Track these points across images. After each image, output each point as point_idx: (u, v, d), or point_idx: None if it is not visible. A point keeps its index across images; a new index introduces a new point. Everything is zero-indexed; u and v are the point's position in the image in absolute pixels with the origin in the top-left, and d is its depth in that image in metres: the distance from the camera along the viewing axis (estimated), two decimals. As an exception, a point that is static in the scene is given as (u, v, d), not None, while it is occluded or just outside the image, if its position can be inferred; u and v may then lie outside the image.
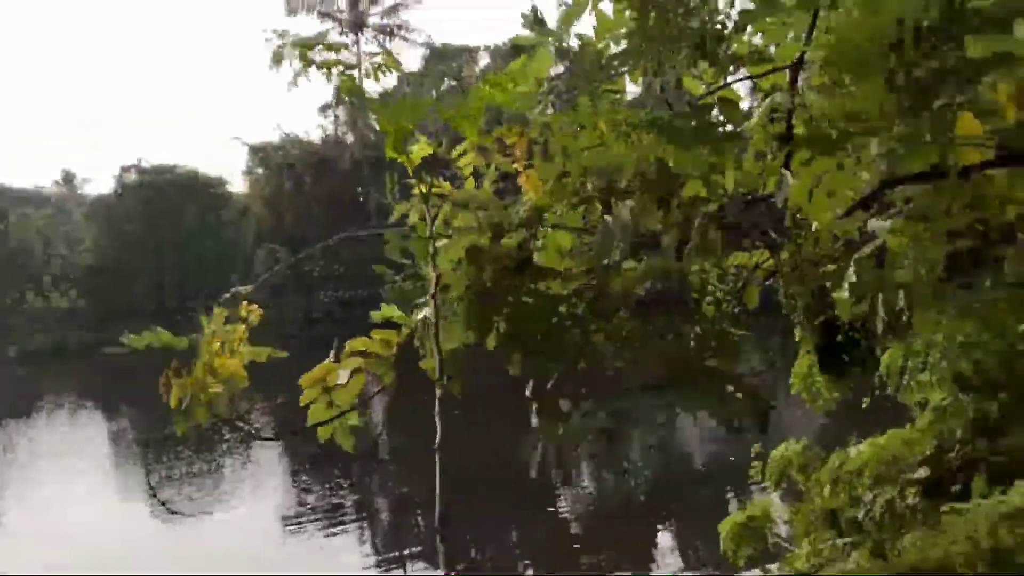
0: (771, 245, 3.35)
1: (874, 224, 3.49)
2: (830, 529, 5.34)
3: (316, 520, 19.14)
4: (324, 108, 70.97)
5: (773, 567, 5.09)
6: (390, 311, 3.29)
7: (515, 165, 3.55)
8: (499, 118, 3.51)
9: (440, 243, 3.07)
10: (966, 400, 5.01)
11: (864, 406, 6.38)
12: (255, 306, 3.22)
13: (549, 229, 3.42)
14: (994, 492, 4.22)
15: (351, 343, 3.23)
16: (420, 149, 3.38)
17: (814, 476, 5.67)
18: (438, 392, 2.71)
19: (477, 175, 3.73)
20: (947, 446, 5.05)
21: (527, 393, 2.69)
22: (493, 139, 3.57)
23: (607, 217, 3.26)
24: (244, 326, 3.17)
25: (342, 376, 3.12)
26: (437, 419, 2.60)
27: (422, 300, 3.13)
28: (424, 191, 3.29)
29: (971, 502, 4.12)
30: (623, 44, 3.84)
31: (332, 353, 3.23)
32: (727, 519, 6.31)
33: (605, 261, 3.19)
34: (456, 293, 2.94)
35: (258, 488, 22.38)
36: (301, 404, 3.23)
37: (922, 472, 4.79)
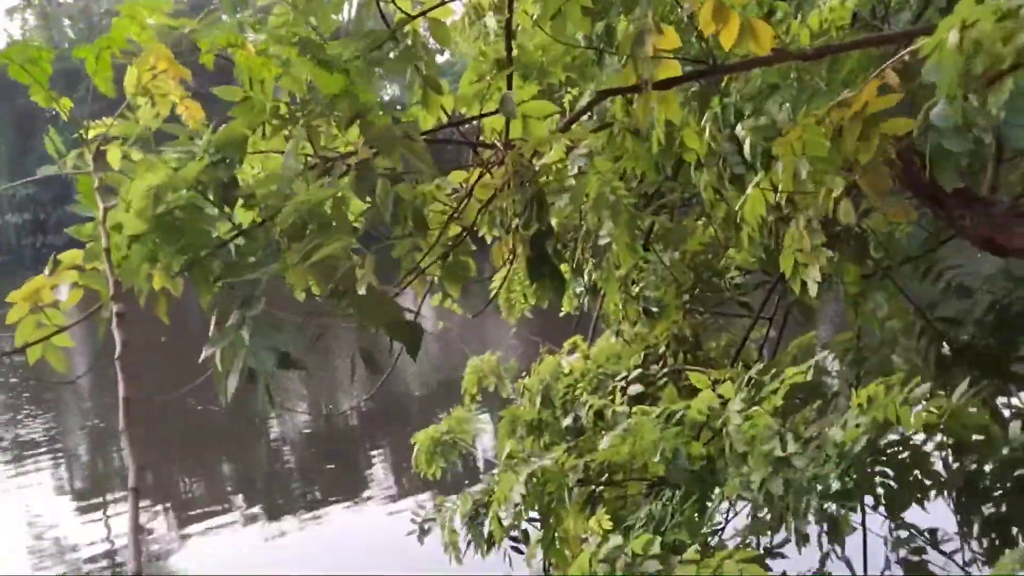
0: (486, 163, 3.42)
1: (574, 155, 3.63)
2: (534, 435, 5.66)
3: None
4: (11, 12, 64.69)
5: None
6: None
7: (170, 95, 3.43)
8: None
9: (115, 181, 3.01)
10: (675, 318, 5.54)
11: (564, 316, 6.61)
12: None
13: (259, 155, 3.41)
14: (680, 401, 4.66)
15: (64, 255, 3.10)
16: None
17: (521, 386, 5.96)
18: (114, 308, 2.68)
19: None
20: (653, 359, 5.56)
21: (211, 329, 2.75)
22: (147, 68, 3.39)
23: (290, 140, 3.27)
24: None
25: (57, 292, 2.98)
26: (115, 332, 2.58)
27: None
28: (84, 133, 3.20)
29: (659, 407, 4.49)
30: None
31: (47, 268, 3.05)
32: (420, 432, 6.20)
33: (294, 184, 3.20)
34: (131, 230, 2.89)
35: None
36: (7, 323, 3.03)
37: (633, 389, 5.20)
